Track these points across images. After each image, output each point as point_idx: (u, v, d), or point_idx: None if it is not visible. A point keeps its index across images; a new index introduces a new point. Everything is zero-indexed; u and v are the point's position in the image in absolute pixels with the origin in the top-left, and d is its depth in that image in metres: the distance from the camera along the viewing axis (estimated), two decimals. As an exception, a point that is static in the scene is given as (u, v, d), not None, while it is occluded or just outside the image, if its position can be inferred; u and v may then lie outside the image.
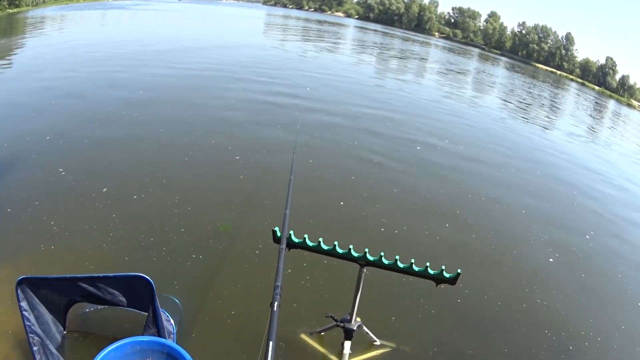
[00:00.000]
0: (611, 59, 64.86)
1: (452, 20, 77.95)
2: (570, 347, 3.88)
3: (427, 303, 3.99)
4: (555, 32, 70.61)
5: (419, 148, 8.58)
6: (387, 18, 76.00)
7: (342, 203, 5.68)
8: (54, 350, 2.67)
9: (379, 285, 3.88)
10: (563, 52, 69.04)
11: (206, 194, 5.35)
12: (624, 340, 4.18)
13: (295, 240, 2.88)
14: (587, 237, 6.30)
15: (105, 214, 4.53)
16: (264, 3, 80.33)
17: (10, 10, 24.38)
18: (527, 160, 9.68)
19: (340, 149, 7.68)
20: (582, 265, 5.44)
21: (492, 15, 75.12)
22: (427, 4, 76.59)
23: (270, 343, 1.64)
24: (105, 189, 4.99)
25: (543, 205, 7.11)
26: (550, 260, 5.35)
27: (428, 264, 2.77)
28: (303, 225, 3.22)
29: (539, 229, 6.11)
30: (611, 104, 42.91)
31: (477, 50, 64.07)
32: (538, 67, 64.75)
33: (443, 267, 2.77)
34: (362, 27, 54.94)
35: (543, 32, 70.71)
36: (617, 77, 64.18)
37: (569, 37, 69.36)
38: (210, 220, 4.75)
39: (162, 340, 2.61)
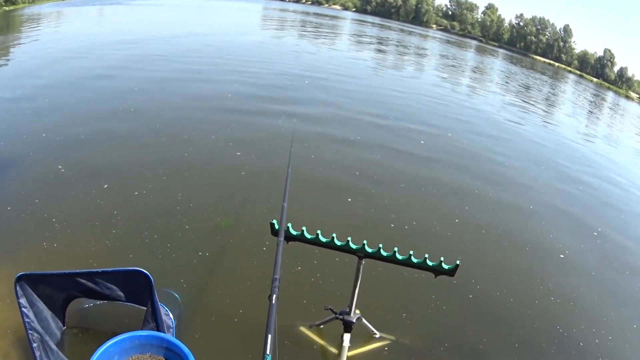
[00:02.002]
0: (609, 51, 64.93)
1: (450, 13, 77.72)
2: (581, 344, 3.87)
3: (438, 299, 3.98)
4: (553, 24, 70.57)
5: (422, 142, 8.55)
6: (385, 10, 75.70)
7: (349, 200, 5.65)
8: (54, 347, 2.67)
9: (379, 278, 3.89)
10: (561, 44, 68.94)
11: (208, 190, 5.33)
12: (636, 339, 4.18)
13: (293, 232, 2.88)
14: (595, 233, 6.28)
15: (107, 210, 4.51)
16: (261, -3, 79.78)
17: (7, 8, 24.21)
18: (532, 158, 9.61)
19: (342, 143, 7.62)
20: (593, 263, 5.43)
21: (490, 7, 74.93)
22: (424, -4, 76.32)
23: (269, 336, 1.64)
24: (106, 186, 4.97)
25: (551, 202, 7.08)
26: (561, 256, 5.34)
27: (427, 255, 2.77)
28: (310, 222, 3.19)
29: (549, 226, 6.10)
30: (610, 96, 42.83)
31: (475, 42, 63.87)
32: (536, 59, 64.63)
33: (442, 259, 2.75)
34: (359, 20, 54.63)
35: (541, 24, 70.55)
36: (615, 69, 64.22)
37: (567, 29, 69.24)
38: (213, 216, 4.74)
39: (161, 334, 2.61)
